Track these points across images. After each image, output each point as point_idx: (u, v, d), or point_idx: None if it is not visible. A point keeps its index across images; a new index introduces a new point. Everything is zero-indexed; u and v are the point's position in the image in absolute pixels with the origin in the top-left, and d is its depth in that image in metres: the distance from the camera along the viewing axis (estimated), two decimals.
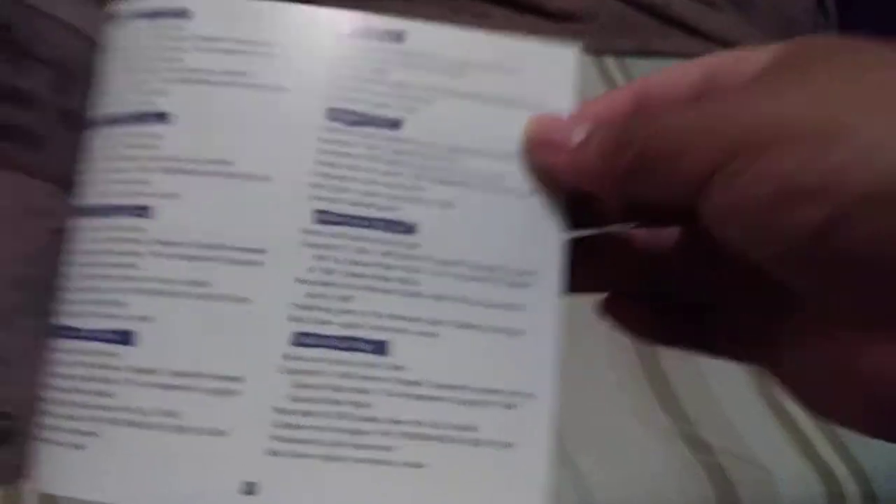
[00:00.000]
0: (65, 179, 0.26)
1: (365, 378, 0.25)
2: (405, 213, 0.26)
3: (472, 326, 0.25)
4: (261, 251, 0.25)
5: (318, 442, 0.24)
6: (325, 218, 0.26)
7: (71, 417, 0.25)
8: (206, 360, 0.25)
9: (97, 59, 0.27)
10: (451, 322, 0.25)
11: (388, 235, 0.26)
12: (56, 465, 0.25)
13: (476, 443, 0.25)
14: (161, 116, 0.26)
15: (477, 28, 0.28)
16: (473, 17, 0.50)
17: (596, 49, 0.49)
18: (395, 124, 0.26)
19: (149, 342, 0.25)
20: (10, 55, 0.23)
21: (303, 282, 0.25)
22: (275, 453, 0.24)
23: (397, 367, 0.25)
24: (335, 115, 0.26)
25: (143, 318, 0.25)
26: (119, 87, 0.27)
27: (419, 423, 0.25)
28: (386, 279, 0.25)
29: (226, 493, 0.24)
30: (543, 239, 0.26)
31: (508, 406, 0.25)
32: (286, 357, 0.25)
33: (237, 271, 0.25)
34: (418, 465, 0.24)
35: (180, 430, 0.24)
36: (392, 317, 0.25)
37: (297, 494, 0.24)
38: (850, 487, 0.45)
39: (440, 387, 0.25)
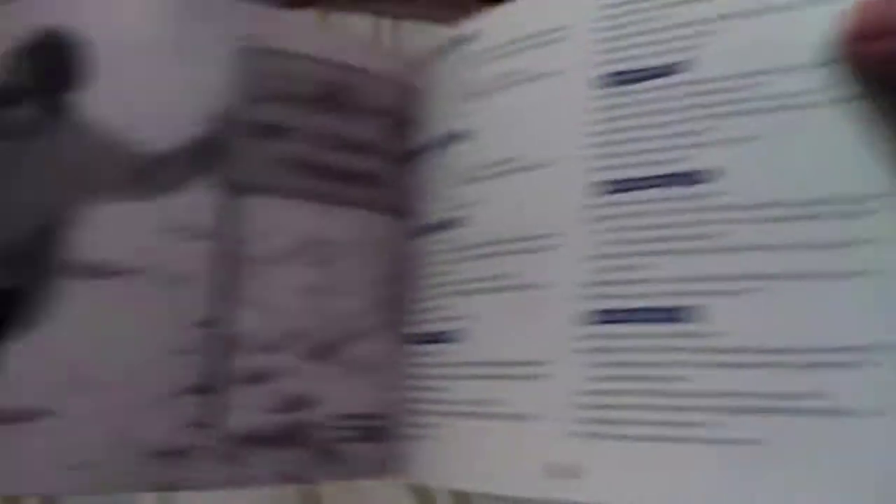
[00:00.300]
0: (400, 209, 0.30)
1: (675, 349, 0.22)
2: (699, 161, 0.23)
3: (800, 276, 0.21)
4: (547, 236, 0.25)
5: (631, 422, 0.22)
6: (610, 188, 0.24)
7: (423, 412, 0.27)
8: (513, 348, 0.25)
9: (413, 99, 0.31)
10: (773, 274, 0.21)
11: (683, 190, 0.23)
12: (419, 458, 0.27)
13: (828, 412, 0.20)
14: (459, 135, 0.28)
15: None
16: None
17: None
18: (674, 69, 0.24)
19: (469, 338, 0.26)
20: (342, 111, 0.29)
21: (592, 258, 0.24)
22: (583, 435, 0.23)
23: (712, 334, 0.22)
24: (607, 79, 0.25)
25: (462, 317, 0.27)
26: (430, 118, 0.30)
27: (749, 395, 0.21)
28: (687, 238, 0.23)
29: (534, 476, 0.23)
30: (879, 150, 0.21)
31: (867, 364, 0.20)
32: (584, 337, 0.24)
33: (530, 259, 0.25)
34: (754, 442, 0.21)
35: (501, 416, 0.25)
36: (699, 279, 0.22)
37: (616, 477, 0.22)
38: None
39: (770, 351, 0.21)
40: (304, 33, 0.29)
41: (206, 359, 0.25)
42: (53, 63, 0.26)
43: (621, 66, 0.25)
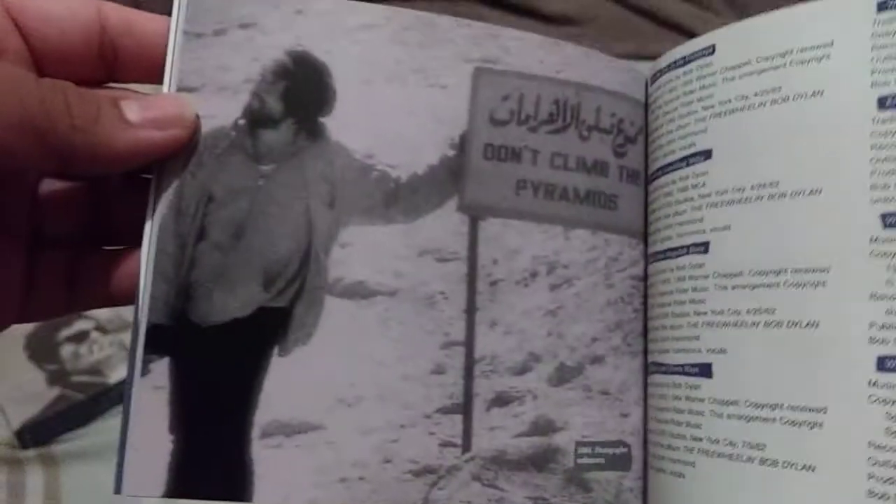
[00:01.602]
0: (637, 231, 0.29)
1: None
2: None
3: None
4: (823, 270, 0.23)
5: None
6: (894, 221, 0.22)
7: (671, 447, 0.26)
8: (783, 390, 0.24)
9: (646, 117, 0.30)
10: None
11: None
12: (663, 491, 0.27)
13: None
14: (703, 154, 0.27)
15: None
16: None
17: None
18: None
19: (725, 373, 0.25)
20: (575, 130, 0.28)
21: (879, 297, 0.22)
22: (875, 495, 0.21)
23: None
24: (886, 101, 0.23)
25: (717, 350, 0.25)
26: (665, 137, 0.29)
27: None
28: None
29: None
30: None
31: None
32: (873, 384, 0.22)
33: (800, 294, 0.24)
34: None
35: (766, 462, 0.24)
36: None
37: None
38: None
39: None
40: (531, 51, 0.29)
41: (459, 379, 0.26)
42: (306, 87, 0.26)
43: None
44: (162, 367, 0.24)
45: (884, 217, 0.23)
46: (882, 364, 0.22)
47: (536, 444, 0.26)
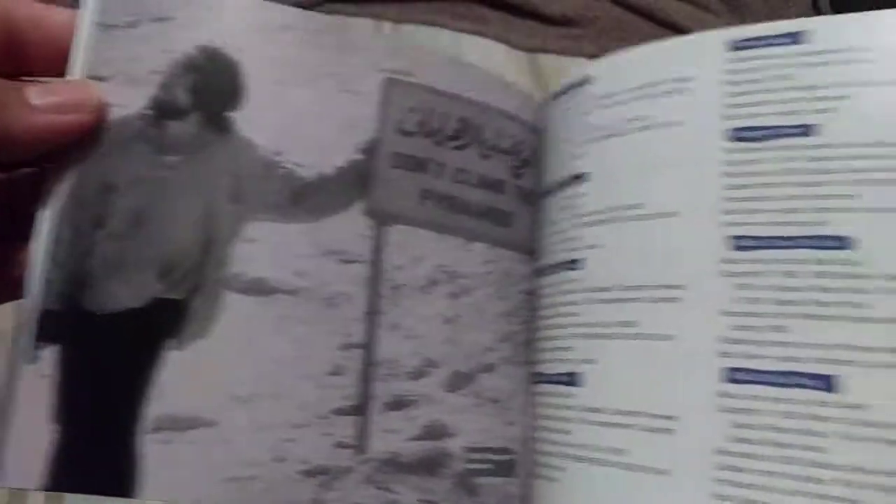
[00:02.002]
0: (529, 248, 0.31)
1: (814, 418, 0.22)
2: (837, 227, 0.23)
3: None
4: (679, 287, 0.25)
5: (767, 488, 0.22)
6: (742, 243, 0.25)
7: (547, 453, 0.28)
8: (642, 398, 0.25)
9: (538, 141, 0.32)
10: None
11: (820, 253, 0.23)
12: (541, 496, 0.28)
13: None
14: (580, 177, 0.29)
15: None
16: (472, 23, 0.46)
17: (592, 54, 0.44)
18: (808, 130, 0.25)
19: (593, 382, 0.27)
20: (476, 148, 0.30)
21: (728, 314, 0.24)
22: (720, 497, 0.23)
23: (853, 406, 0.22)
24: (738, 134, 0.26)
25: (587, 361, 0.27)
26: (552, 160, 0.31)
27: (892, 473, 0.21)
28: (825, 304, 0.23)
29: None
30: None
31: None
32: (720, 394, 0.24)
33: (658, 309, 0.25)
34: None
35: (627, 467, 0.25)
36: (838, 347, 0.22)
37: None
38: None
39: None
40: (441, 69, 0.30)
41: (356, 381, 0.26)
42: (214, 80, 0.26)
43: (750, 122, 0.26)
44: (51, 355, 0.22)
45: (731, 239, 0.25)
46: (729, 376, 0.24)
47: (429, 448, 0.26)
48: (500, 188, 0.30)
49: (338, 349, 0.26)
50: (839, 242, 0.23)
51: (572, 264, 0.29)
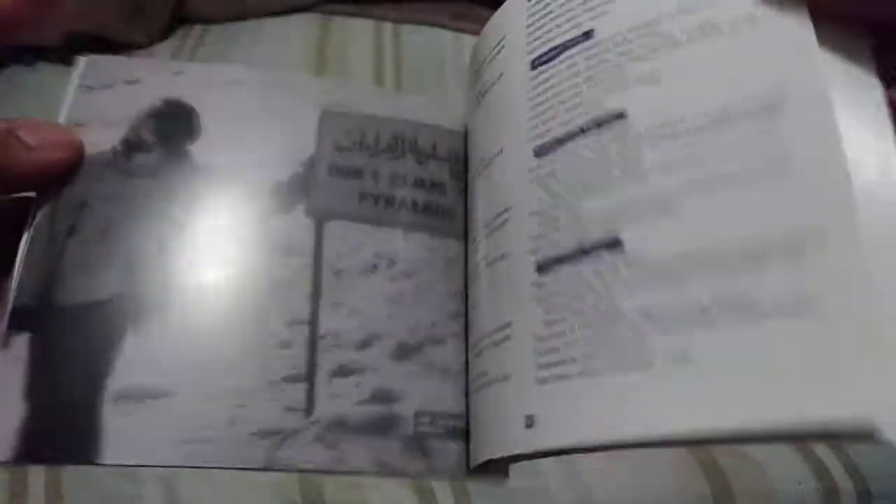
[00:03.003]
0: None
1: (604, 279, 0.22)
2: (611, 105, 0.24)
3: (714, 182, 0.21)
4: (509, 208, 0.27)
5: (573, 359, 0.23)
6: (546, 150, 0.26)
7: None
8: (493, 318, 0.27)
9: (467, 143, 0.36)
10: (687, 186, 0.21)
11: (599, 132, 0.24)
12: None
13: (758, 318, 0.19)
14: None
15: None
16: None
17: None
18: (582, 38, 0.26)
19: (471, 319, 0.30)
20: (418, 158, 0.33)
21: (535, 213, 0.26)
22: (543, 381, 0.24)
23: (636, 256, 0.22)
24: (541, 151, 0.27)
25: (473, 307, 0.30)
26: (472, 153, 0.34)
27: (674, 311, 0.20)
28: (607, 175, 0.23)
29: (517, 430, 0.24)
30: (796, 51, 0.21)
31: (794, 254, 0.19)
32: (534, 285, 0.25)
33: (500, 233, 0.28)
34: (684, 360, 0.20)
35: (490, 383, 0.27)
36: (619, 207, 0.23)
37: (560, 419, 0.22)
38: (845, 484, 0.46)
39: (690, 260, 0.20)
40: (374, 99, 0.34)
41: (303, 352, 0.28)
42: (174, 123, 0.31)
43: (543, 48, 0.27)
44: (23, 341, 0.26)
45: (535, 150, 0.27)
46: (539, 267, 0.25)
47: (376, 412, 0.28)
48: (441, 189, 0.33)
49: (284, 325, 0.28)
50: (614, 115, 0.24)
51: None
